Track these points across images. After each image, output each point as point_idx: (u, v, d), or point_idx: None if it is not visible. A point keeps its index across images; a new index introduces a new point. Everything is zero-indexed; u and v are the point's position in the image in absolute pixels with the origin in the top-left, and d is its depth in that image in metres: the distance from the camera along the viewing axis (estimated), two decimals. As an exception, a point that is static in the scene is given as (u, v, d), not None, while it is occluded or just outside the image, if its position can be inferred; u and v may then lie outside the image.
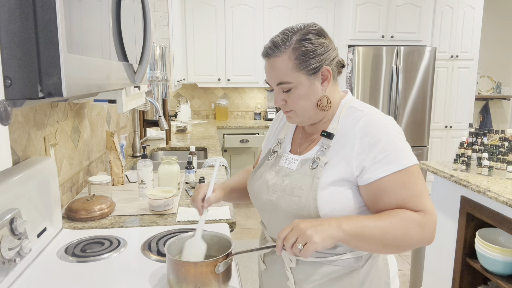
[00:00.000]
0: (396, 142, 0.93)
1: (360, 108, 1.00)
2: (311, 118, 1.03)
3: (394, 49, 4.21)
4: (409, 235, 0.89)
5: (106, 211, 1.53)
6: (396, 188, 0.92)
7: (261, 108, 5.09)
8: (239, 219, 4.10)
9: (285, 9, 4.58)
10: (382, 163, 0.92)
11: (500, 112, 5.35)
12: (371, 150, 0.93)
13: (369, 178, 0.93)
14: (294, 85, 0.97)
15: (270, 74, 1.00)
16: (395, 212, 0.91)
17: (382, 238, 0.88)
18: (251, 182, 1.13)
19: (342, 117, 1.01)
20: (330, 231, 0.85)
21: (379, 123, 0.95)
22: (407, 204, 0.92)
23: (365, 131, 0.95)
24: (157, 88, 2.83)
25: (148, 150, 2.81)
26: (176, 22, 3.78)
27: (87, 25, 0.74)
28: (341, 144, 0.97)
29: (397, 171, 0.91)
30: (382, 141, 0.92)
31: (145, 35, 1.13)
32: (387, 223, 0.88)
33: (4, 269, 1.00)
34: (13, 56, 0.57)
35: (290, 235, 0.85)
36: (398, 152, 0.92)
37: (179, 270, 0.97)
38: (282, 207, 1.00)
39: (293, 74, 0.96)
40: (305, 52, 0.95)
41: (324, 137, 1.01)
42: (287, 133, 1.14)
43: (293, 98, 0.99)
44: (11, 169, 1.14)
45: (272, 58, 0.97)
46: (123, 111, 1.34)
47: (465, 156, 2.16)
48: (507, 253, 1.76)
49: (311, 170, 0.98)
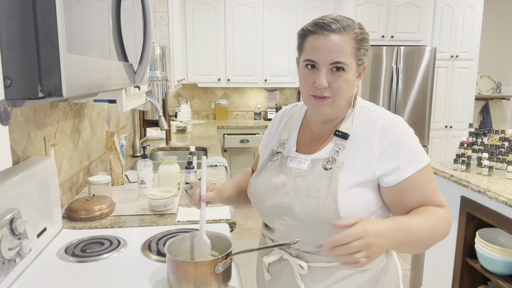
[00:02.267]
0: (414, 141, 0.96)
1: (373, 109, 1.01)
2: (340, 111, 1.00)
3: (394, 49, 4.21)
4: (444, 231, 0.94)
5: (106, 211, 1.53)
6: (420, 185, 0.94)
7: (261, 108, 5.09)
8: (239, 219, 4.10)
9: (285, 9, 4.58)
10: (406, 163, 0.93)
11: (500, 112, 5.35)
12: (394, 151, 0.94)
13: (396, 179, 0.93)
14: (348, 68, 0.93)
15: (326, 51, 0.91)
16: (433, 211, 0.93)
17: (427, 240, 0.91)
18: (254, 186, 1.08)
19: (356, 117, 1.00)
20: (389, 246, 0.84)
21: (396, 124, 0.96)
22: (430, 200, 0.95)
23: (384, 132, 0.95)
24: (157, 88, 2.83)
25: (148, 150, 2.81)
26: (176, 22, 3.78)
27: (87, 25, 0.74)
28: (358, 145, 0.96)
29: (421, 169, 0.94)
30: (403, 142, 0.94)
31: (145, 35, 1.13)
32: (432, 225, 0.90)
33: (4, 269, 1.00)
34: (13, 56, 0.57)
35: (356, 244, 0.76)
36: (417, 151, 0.95)
37: (179, 270, 0.97)
38: (296, 209, 0.96)
39: (351, 57, 0.93)
40: (363, 40, 0.95)
41: (338, 137, 0.99)
42: (290, 134, 1.10)
43: (341, 81, 0.93)
44: (11, 169, 1.14)
45: (336, 35, 0.91)
46: (123, 111, 1.34)
47: (465, 156, 2.16)
48: (507, 253, 1.76)
49: (326, 170, 0.96)
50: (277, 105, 5.02)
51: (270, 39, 4.63)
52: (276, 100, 4.99)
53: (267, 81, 4.70)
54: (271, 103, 4.95)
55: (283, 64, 4.69)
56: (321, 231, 0.95)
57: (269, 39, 4.62)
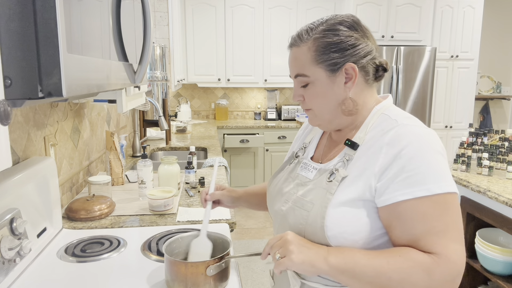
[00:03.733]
0: (429, 161, 0.77)
1: (394, 117, 0.86)
2: (332, 122, 0.91)
3: (394, 49, 4.21)
4: (409, 281, 0.74)
5: (106, 211, 1.53)
6: (411, 218, 0.76)
7: (261, 108, 5.09)
8: (239, 219, 4.10)
9: (285, 9, 4.58)
10: (405, 184, 0.77)
11: (500, 112, 5.35)
12: (393, 165, 0.78)
13: (387, 199, 0.78)
14: (311, 80, 0.87)
15: (289, 66, 0.92)
16: (397, 251, 0.77)
17: (374, 279, 0.75)
18: (269, 186, 1.06)
19: (372, 126, 0.87)
20: (314, 258, 0.76)
21: (413, 135, 0.80)
22: (419, 242, 0.76)
23: (392, 143, 0.80)
24: (157, 88, 2.83)
25: (148, 150, 2.81)
26: (176, 22, 3.78)
27: (87, 25, 0.74)
28: (366, 157, 0.84)
29: (419, 197, 0.75)
30: (408, 157, 0.77)
31: (145, 35, 1.13)
32: (383, 262, 0.75)
33: (4, 269, 1.00)
34: (13, 56, 0.57)
35: (276, 243, 0.81)
36: (428, 174, 0.76)
37: (172, 268, 0.98)
38: (290, 219, 0.91)
39: (310, 67, 0.86)
40: (327, 43, 0.85)
41: (347, 147, 0.88)
42: (313, 138, 1.04)
43: (309, 95, 0.89)
44: (11, 169, 1.14)
45: (294, 49, 0.90)
46: (123, 111, 1.34)
47: (465, 156, 2.16)
48: (507, 253, 1.76)
49: (327, 183, 0.86)
50: (277, 105, 5.02)
51: (270, 39, 4.63)
52: (276, 100, 4.99)
53: (267, 81, 4.70)
54: (271, 103, 4.95)
55: (283, 64, 4.69)
56: None
57: (269, 39, 4.63)
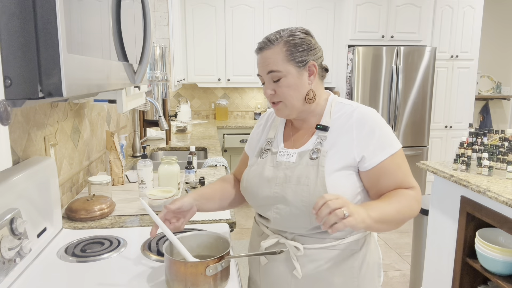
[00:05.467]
0: (386, 129, 1.08)
1: (348, 103, 1.13)
2: (298, 110, 1.10)
3: (394, 49, 4.21)
4: (412, 210, 1.05)
5: (106, 211, 1.53)
6: (393, 169, 1.06)
7: (261, 108, 5.09)
8: (239, 219, 4.10)
9: (285, 9, 4.58)
10: (380, 149, 1.05)
11: (500, 112, 5.35)
12: (370, 139, 1.05)
13: (371, 164, 1.05)
14: (284, 74, 1.05)
15: (261, 65, 1.09)
16: (400, 193, 1.05)
17: (397, 217, 1.01)
18: (246, 180, 1.16)
19: (333, 112, 1.12)
20: (365, 216, 0.93)
21: (371, 115, 1.08)
22: (403, 183, 1.07)
23: (360, 122, 1.07)
24: (157, 88, 2.83)
25: (148, 150, 2.81)
26: (176, 22, 3.79)
27: (87, 25, 0.74)
28: (338, 135, 1.08)
29: (392, 154, 1.06)
30: (376, 131, 1.06)
31: (145, 35, 1.13)
32: (399, 204, 1.02)
33: (4, 269, 1.00)
34: (13, 56, 0.57)
35: (336, 201, 0.89)
36: (390, 138, 1.07)
37: (172, 268, 0.98)
38: (289, 197, 1.05)
39: (283, 64, 1.05)
40: (295, 44, 1.06)
41: (319, 130, 1.10)
42: (277, 132, 1.21)
43: (282, 87, 1.07)
44: (11, 169, 1.14)
45: (265, 51, 1.07)
46: (123, 111, 1.34)
47: (465, 156, 2.16)
48: (507, 253, 1.76)
49: (312, 160, 1.07)
50: (277, 105, 5.02)
51: (270, 39, 4.62)
52: (276, 100, 4.99)
53: (267, 81, 4.69)
54: (271, 103, 4.95)
55: (283, 64, 4.68)
56: (313, 215, 1.00)
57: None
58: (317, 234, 1.08)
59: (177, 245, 1.03)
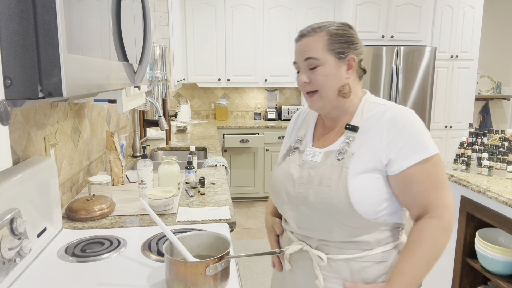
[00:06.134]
0: (421, 131, 0.99)
1: (383, 103, 1.06)
2: (332, 103, 1.05)
3: (394, 49, 4.21)
4: (439, 245, 0.97)
5: (106, 211, 1.53)
6: (421, 178, 0.96)
7: (261, 108, 5.09)
8: (239, 219, 4.10)
9: (285, 9, 4.58)
10: (410, 152, 0.96)
11: (500, 112, 5.35)
12: (399, 140, 0.97)
13: (399, 167, 0.97)
14: (321, 62, 1.01)
15: (300, 52, 1.05)
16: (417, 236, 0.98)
17: (427, 265, 0.97)
18: (273, 178, 1.14)
19: (366, 111, 1.06)
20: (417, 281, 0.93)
21: (405, 114, 1.00)
22: (429, 200, 0.97)
23: (392, 122, 0.99)
24: (157, 88, 2.83)
25: (148, 150, 2.81)
26: (176, 22, 3.78)
27: (87, 25, 0.74)
28: (367, 136, 1.01)
29: (423, 159, 0.96)
30: (408, 131, 0.97)
31: (145, 35, 1.13)
32: (419, 251, 0.97)
33: (4, 269, 1.00)
34: (13, 56, 0.57)
35: None
36: (424, 141, 0.97)
37: (172, 268, 0.98)
38: (311, 197, 1.02)
39: (323, 52, 1.01)
40: (337, 34, 1.02)
41: (348, 130, 1.05)
42: (307, 130, 1.17)
43: (318, 75, 1.02)
44: (11, 169, 1.14)
45: (306, 38, 1.04)
46: (123, 111, 1.34)
47: (465, 156, 2.16)
48: (507, 253, 1.76)
49: (338, 161, 1.02)
50: (277, 105, 5.02)
51: (270, 39, 4.63)
52: (276, 100, 4.99)
53: (267, 81, 4.70)
54: (271, 103, 4.95)
55: (283, 64, 4.69)
56: (334, 218, 0.99)
57: (269, 39, 4.63)
58: (344, 244, 1.02)
59: (177, 245, 1.03)
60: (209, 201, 1.73)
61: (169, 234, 1.03)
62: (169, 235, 1.03)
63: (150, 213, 1.06)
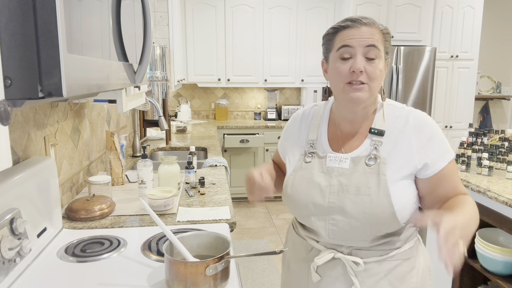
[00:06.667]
0: (443, 135, 1.04)
1: (400, 106, 1.07)
2: (371, 98, 1.02)
3: (394, 49, 4.21)
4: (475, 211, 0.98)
5: (106, 211, 1.53)
6: (451, 174, 1.02)
7: (261, 108, 5.09)
8: (239, 219, 4.10)
9: (285, 9, 4.58)
10: (440, 156, 1.01)
11: (500, 112, 5.35)
12: (431, 145, 1.00)
13: (433, 171, 1.00)
14: (380, 54, 0.99)
15: (363, 37, 0.97)
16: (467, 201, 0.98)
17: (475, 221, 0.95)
18: (292, 187, 1.06)
19: (386, 115, 1.05)
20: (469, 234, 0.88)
21: (428, 120, 1.04)
22: (457, 188, 1.03)
23: (419, 128, 1.01)
24: (157, 88, 2.83)
25: (148, 150, 2.81)
26: (176, 22, 3.78)
27: (87, 25, 0.74)
28: (395, 140, 1.02)
29: (451, 160, 1.02)
30: (435, 136, 1.02)
31: (145, 35, 1.13)
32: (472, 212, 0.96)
33: (4, 269, 1.00)
34: (13, 56, 0.57)
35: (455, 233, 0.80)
36: (447, 144, 1.04)
37: (172, 268, 0.98)
38: (348, 208, 0.98)
39: (381, 45, 1.00)
40: (387, 35, 1.03)
41: (373, 134, 1.03)
42: (319, 134, 1.11)
43: (374, 68, 0.97)
44: (11, 169, 1.14)
45: (366, 25, 0.99)
46: (123, 111, 1.34)
47: (465, 156, 2.16)
48: (507, 253, 1.76)
49: (369, 167, 1.00)
50: (277, 105, 5.02)
51: (270, 39, 4.63)
52: (276, 100, 4.99)
53: (267, 81, 4.70)
54: (271, 103, 4.95)
55: (283, 64, 4.69)
56: (374, 226, 0.99)
57: (269, 39, 4.63)
58: (377, 246, 1.03)
59: (177, 245, 1.03)
60: (209, 201, 1.73)
61: (169, 234, 1.03)
62: (169, 235, 1.03)
63: (150, 213, 1.06)
